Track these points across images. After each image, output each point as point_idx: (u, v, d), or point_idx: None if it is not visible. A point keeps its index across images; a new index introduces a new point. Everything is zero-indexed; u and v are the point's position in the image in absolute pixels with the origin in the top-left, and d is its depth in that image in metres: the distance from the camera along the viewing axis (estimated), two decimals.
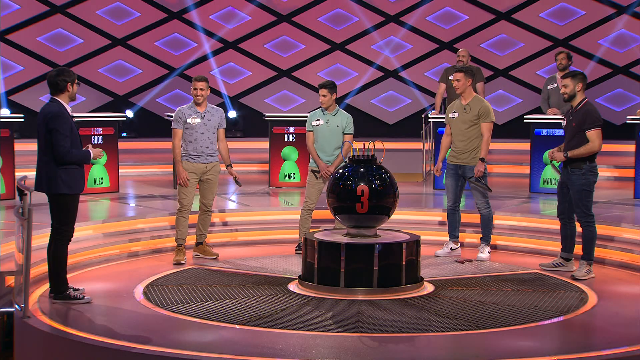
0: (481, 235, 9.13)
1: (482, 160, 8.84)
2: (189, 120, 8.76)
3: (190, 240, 9.08)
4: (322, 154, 9.12)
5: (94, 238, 9.11)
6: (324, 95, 9.06)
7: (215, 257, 8.96)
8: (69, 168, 6.99)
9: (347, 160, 8.06)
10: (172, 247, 9.12)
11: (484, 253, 9.02)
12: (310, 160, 9.26)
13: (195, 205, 8.99)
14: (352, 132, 9.18)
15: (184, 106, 8.88)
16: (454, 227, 9.20)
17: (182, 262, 8.69)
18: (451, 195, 9.09)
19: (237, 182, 8.92)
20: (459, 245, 9.25)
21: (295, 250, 9.29)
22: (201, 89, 8.74)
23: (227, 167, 8.96)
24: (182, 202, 8.79)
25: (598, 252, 8.68)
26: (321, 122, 9.15)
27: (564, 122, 8.35)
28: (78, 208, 7.17)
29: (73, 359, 6.16)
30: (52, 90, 7.07)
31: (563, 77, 8.32)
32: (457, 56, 12.59)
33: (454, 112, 9.06)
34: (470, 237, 9.76)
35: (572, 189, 8.14)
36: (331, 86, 9.10)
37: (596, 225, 8.19)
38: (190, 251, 9.06)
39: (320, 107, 9.23)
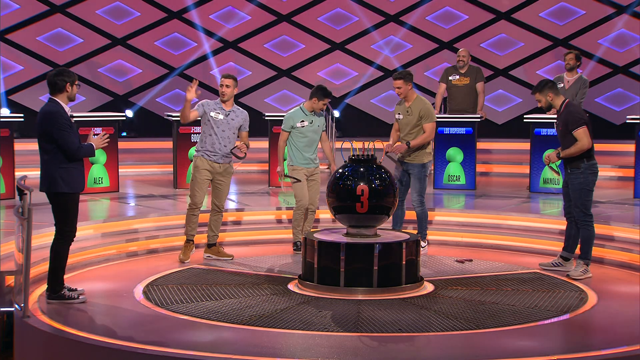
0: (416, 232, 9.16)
1: (408, 144, 9.02)
2: (212, 114, 8.64)
3: (202, 239, 9.08)
4: (307, 154, 9.12)
5: (94, 238, 9.11)
6: (324, 103, 9.10)
7: (230, 258, 8.87)
8: (69, 167, 6.99)
9: (346, 160, 8.06)
10: (171, 247, 9.12)
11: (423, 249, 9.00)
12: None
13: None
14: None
15: (209, 100, 8.74)
16: (395, 221, 9.15)
17: (186, 261, 8.68)
18: None
19: (238, 155, 8.66)
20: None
21: (294, 249, 9.28)
22: (227, 86, 8.62)
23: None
24: (194, 199, 8.67)
25: (598, 251, 8.68)
26: (306, 123, 9.15)
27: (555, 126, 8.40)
28: (78, 208, 7.16)
29: (73, 359, 6.16)
30: (50, 90, 7.07)
31: (532, 93, 8.31)
32: (457, 56, 12.59)
33: (399, 114, 9.22)
34: (468, 236, 9.78)
35: (572, 188, 8.17)
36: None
37: (596, 225, 8.19)
38: (200, 251, 9.03)
39: (299, 107, 9.22)
